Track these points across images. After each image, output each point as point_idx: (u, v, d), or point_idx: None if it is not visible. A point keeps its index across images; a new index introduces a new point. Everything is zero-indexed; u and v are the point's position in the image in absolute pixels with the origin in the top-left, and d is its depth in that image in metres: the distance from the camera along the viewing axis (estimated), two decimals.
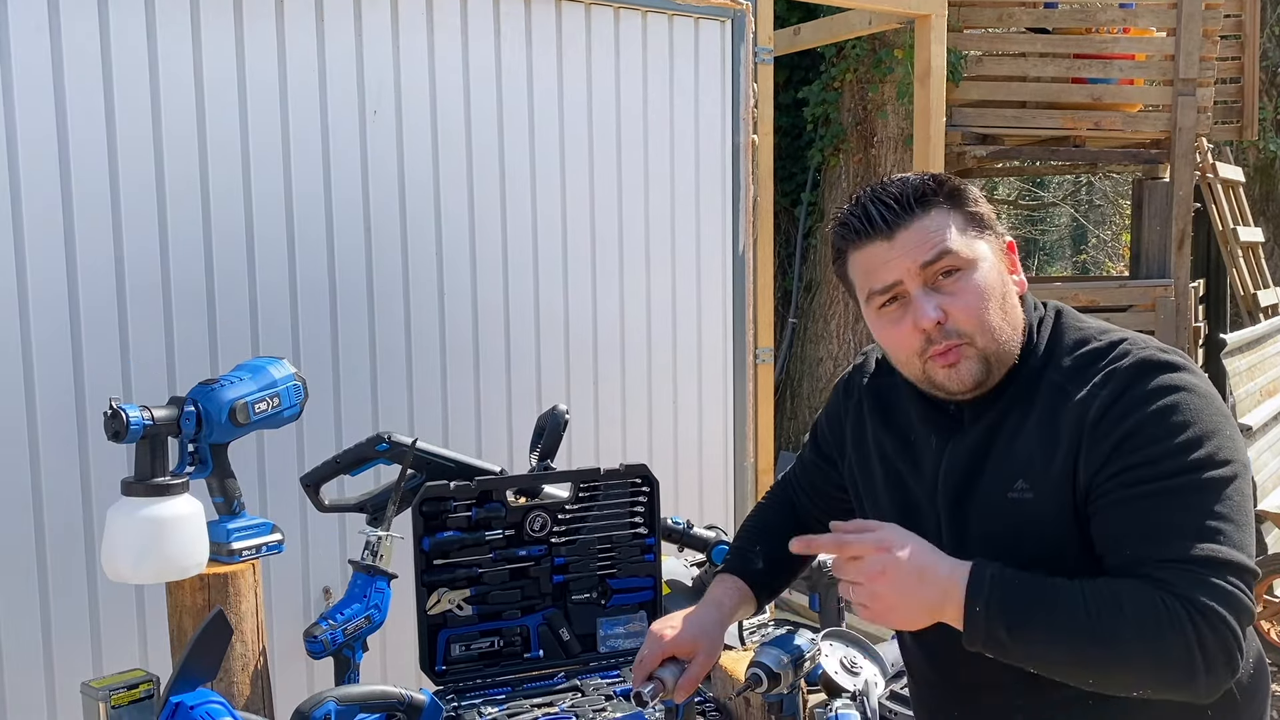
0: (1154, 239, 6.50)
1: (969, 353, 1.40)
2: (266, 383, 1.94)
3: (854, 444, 1.66)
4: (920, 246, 1.40)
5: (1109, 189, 14.71)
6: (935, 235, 1.39)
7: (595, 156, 3.11)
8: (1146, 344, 1.39)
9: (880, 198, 1.42)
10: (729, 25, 3.31)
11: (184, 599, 1.85)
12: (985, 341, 1.40)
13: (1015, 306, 1.44)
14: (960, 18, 5.97)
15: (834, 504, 1.76)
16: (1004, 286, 1.43)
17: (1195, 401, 1.31)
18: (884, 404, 1.61)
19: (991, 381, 1.43)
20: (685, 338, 3.32)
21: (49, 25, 2.33)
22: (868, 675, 1.90)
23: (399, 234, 2.82)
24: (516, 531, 2.06)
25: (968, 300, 1.39)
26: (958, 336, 1.40)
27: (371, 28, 2.73)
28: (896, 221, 1.40)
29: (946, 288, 1.40)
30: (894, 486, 1.57)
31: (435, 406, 2.89)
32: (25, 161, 2.32)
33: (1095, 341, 1.41)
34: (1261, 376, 6.00)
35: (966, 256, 1.40)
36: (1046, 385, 1.41)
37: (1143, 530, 1.29)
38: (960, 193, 1.44)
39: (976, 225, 1.43)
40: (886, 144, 6.39)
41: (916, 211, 1.40)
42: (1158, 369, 1.33)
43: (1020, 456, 1.40)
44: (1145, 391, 1.32)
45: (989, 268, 1.41)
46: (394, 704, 1.70)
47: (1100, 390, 1.34)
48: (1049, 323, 1.47)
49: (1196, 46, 6.22)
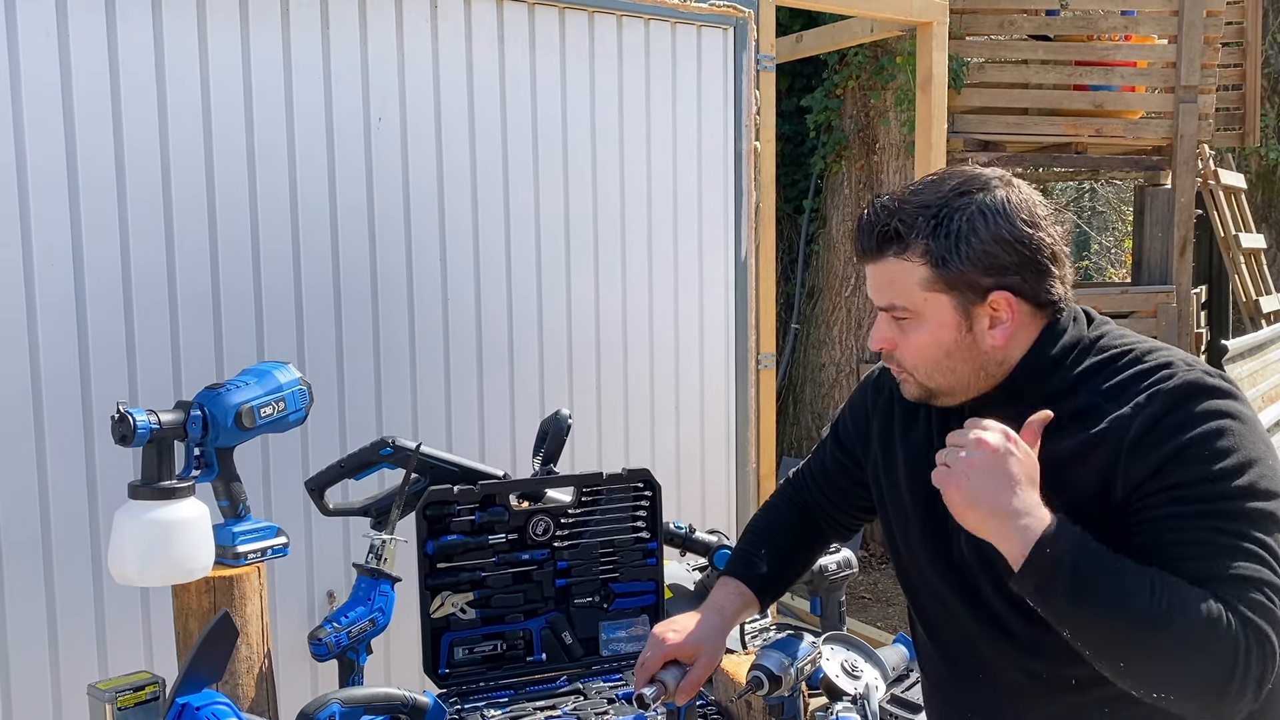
0: (1156, 245, 6.50)
1: (908, 379, 1.48)
2: (272, 387, 1.96)
3: (880, 441, 1.65)
4: (876, 289, 1.46)
5: (1111, 195, 14.71)
6: (891, 283, 1.43)
7: (598, 163, 3.13)
8: (1193, 365, 1.37)
9: (862, 224, 1.46)
10: (731, 33, 3.33)
11: (190, 602, 1.86)
12: (924, 377, 1.46)
13: (974, 358, 1.42)
14: (962, 25, 5.99)
15: (852, 501, 1.76)
16: (953, 342, 1.41)
17: (1240, 429, 1.30)
18: (910, 404, 1.60)
19: (952, 399, 1.47)
20: (687, 343, 3.33)
21: (57, 33, 2.35)
22: (869, 679, 1.91)
23: (403, 240, 2.83)
24: (519, 535, 2.07)
25: (912, 343, 1.44)
26: (898, 365, 1.47)
27: (376, 36, 2.75)
28: (867, 251, 1.45)
29: (899, 324, 1.45)
30: (916, 487, 1.55)
31: (439, 411, 2.90)
32: (33, 168, 2.34)
33: (1140, 363, 1.39)
34: (1264, 382, 6.01)
35: (912, 310, 1.42)
36: (1080, 398, 1.39)
37: (1185, 548, 1.27)
38: (937, 248, 1.38)
39: (945, 282, 1.39)
40: (889, 151, 6.41)
41: (883, 251, 1.43)
42: (1204, 393, 1.32)
43: (1049, 465, 1.36)
44: (1190, 415, 1.30)
45: (938, 323, 1.41)
46: (397, 706, 1.72)
47: (1143, 409, 1.33)
48: (1086, 335, 1.44)
49: (1198, 53, 6.22)
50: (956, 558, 1.50)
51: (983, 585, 1.47)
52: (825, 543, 1.86)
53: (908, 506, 1.58)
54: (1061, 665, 1.41)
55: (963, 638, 1.52)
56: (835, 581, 2.28)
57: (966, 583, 1.49)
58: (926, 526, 1.54)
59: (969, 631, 1.51)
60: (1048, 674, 1.44)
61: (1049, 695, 1.45)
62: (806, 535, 1.82)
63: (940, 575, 1.53)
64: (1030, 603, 1.30)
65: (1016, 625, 1.44)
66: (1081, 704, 1.42)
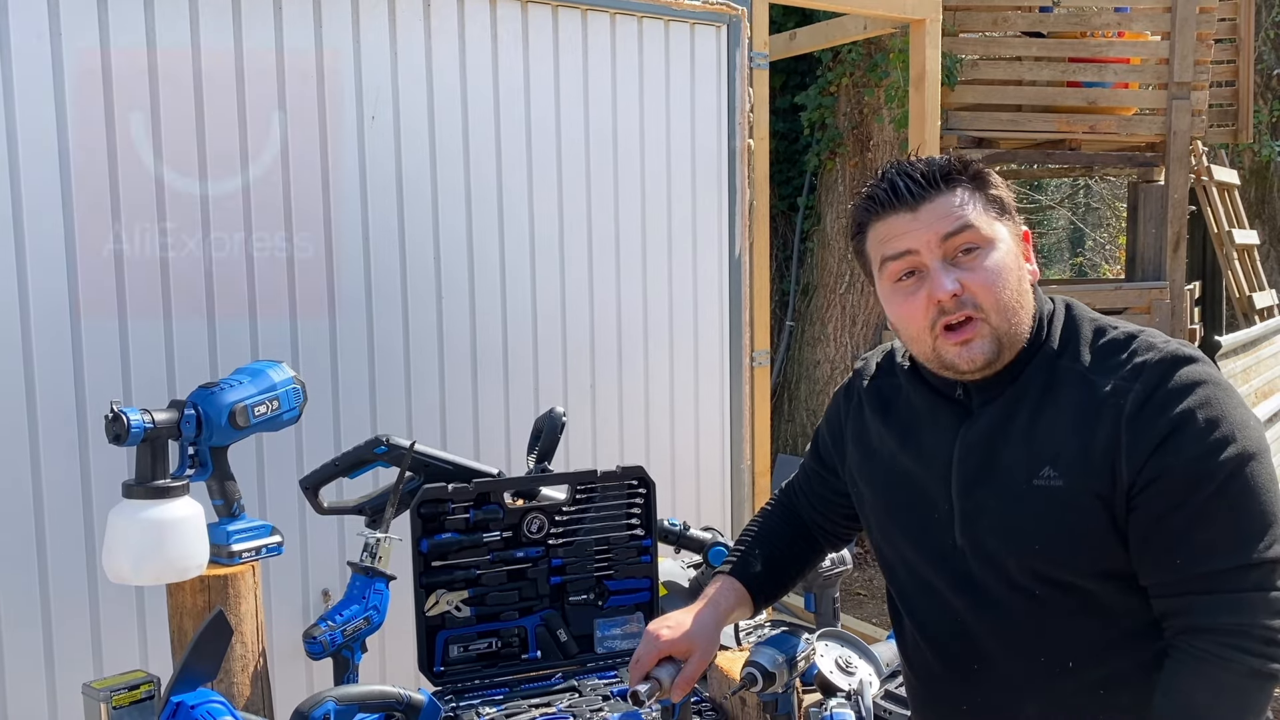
0: (1149, 242, 6.51)
1: (983, 330, 1.42)
2: (266, 386, 1.96)
3: (856, 443, 1.67)
4: (943, 219, 1.42)
5: (1105, 192, 14.74)
6: (958, 210, 1.42)
7: (592, 161, 3.13)
8: (1164, 337, 1.42)
9: (907, 172, 1.44)
10: (724, 30, 3.33)
11: (184, 600, 1.87)
12: (998, 320, 1.42)
13: (1027, 293, 1.46)
14: (955, 22, 5.98)
15: (835, 509, 1.77)
16: (1019, 271, 1.45)
17: (1219, 395, 1.35)
18: (885, 402, 1.62)
19: (1001, 363, 1.44)
20: (682, 341, 3.34)
21: (49, 31, 2.35)
22: (863, 675, 1.91)
23: (396, 238, 2.83)
24: (514, 533, 2.08)
25: (985, 277, 1.41)
26: (973, 309, 1.41)
27: (369, 34, 2.75)
28: (921, 194, 1.42)
29: (964, 263, 1.42)
30: (899, 483, 1.57)
31: (433, 409, 2.91)
32: (26, 165, 2.34)
33: (1112, 332, 1.44)
34: (1257, 379, 6.02)
35: (986, 234, 1.42)
36: (1066, 373, 1.43)
37: (1190, 544, 1.33)
38: (984, 176, 1.46)
39: (997, 208, 1.45)
40: (883, 148, 6.41)
41: (941, 187, 1.42)
42: (1183, 363, 1.37)
43: (1046, 443, 1.40)
44: (1178, 388, 1.35)
45: (1006, 250, 1.43)
46: (392, 704, 1.71)
47: (1133, 383, 1.36)
48: (1060, 313, 1.48)
49: (1191, 50, 6.23)
50: (948, 546, 1.50)
51: (977, 572, 1.47)
52: (819, 552, 1.86)
53: (892, 500, 1.59)
54: (1061, 647, 1.42)
55: (957, 629, 1.52)
56: (829, 578, 2.29)
57: (960, 571, 1.49)
58: (913, 518, 1.54)
59: (964, 622, 1.51)
60: (1046, 658, 1.45)
61: (1046, 681, 1.45)
62: (799, 543, 1.82)
63: (933, 566, 1.53)
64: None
65: (1017, 610, 1.45)
66: (1078, 688, 1.43)
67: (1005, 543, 1.42)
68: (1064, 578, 1.40)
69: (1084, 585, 1.40)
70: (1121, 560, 1.37)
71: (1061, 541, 1.38)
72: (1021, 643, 1.46)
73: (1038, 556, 1.40)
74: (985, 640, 1.50)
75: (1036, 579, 1.42)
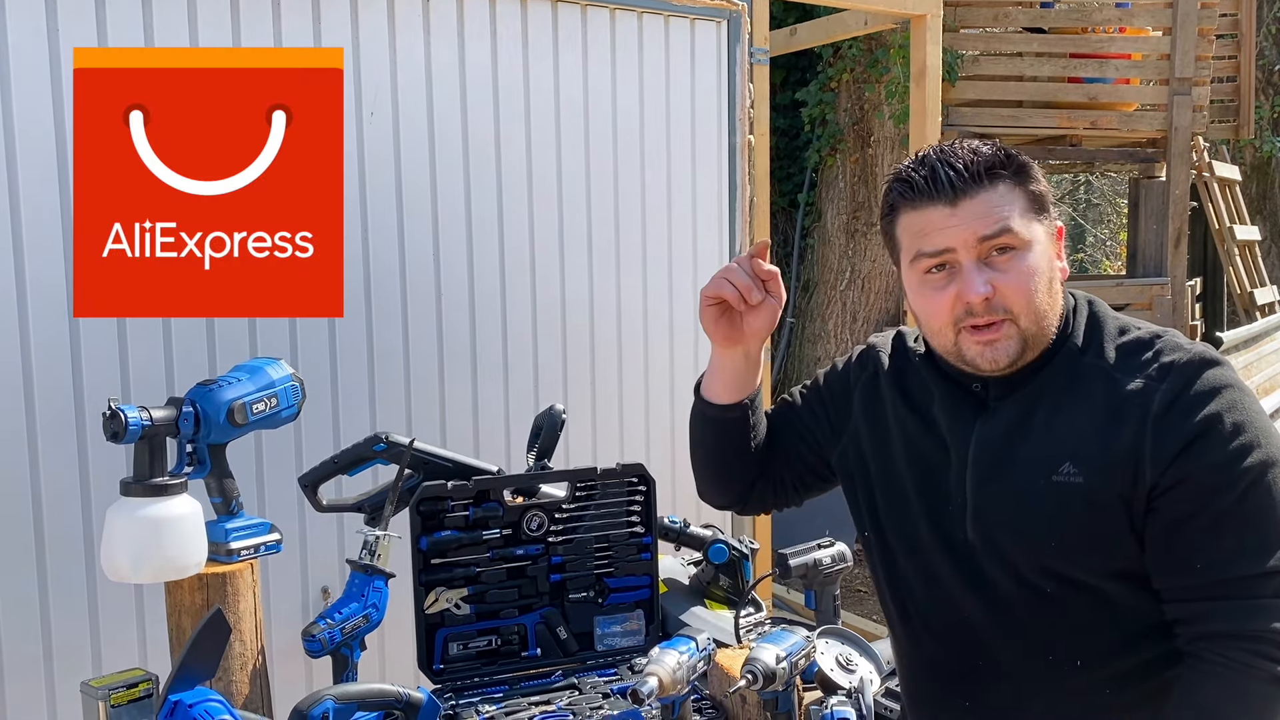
0: (1150, 238, 6.51)
1: (1010, 331, 1.40)
2: (264, 383, 1.95)
3: (867, 417, 1.63)
4: (983, 219, 1.39)
5: (1106, 188, 14.73)
6: (999, 210, 1.39)
7: (591, 157, 3.12)
8: (1187, 339, 1.42)
9: (950, 161, 1.40)
10: (725, 26, 3.32)
11: (183, 598, 1.86)
12: (1028, 322, 1.40)
13: (1058, 293, 1.44)
14: (956, 17, 5.97)
15: (794, 455, 1.77)
16: (1051, 271, 1.43)
17: (1245, 400, 1.35)
18: (903, 384, 1.59)
19: (1023, 361, 1.43)
20: (682, 337, 3.33)
21: (46, 29, 2.34)
22: (863, 672, 1.90)
23: (395, 234, 2.82)
24: (514, 531, 2.07)
25: (1018, 280, 1.39)
26: (1003, 313, 1.39)
27: (367, 29, 2.74)
28: (963, 189, 1.39)
29: (999, 264, 1.39)
30: (917, 469, 1.54)
31: (433, 406, 2.90)
32: (23, 163, 2.33)
33: (1136, 330, 1.43)
34: (1258, 375, 6.02)
35: (1024, 237, 1.40)
36: (1089, 369, 1.41)
37: (1211, 550, 1.32)
38: (1027, 170, 1.43)
39: (1036, 207, 1.43)
40: (884, 144, 6.40)
41: (984, 183, 1.39)
42: (1210, 365, 1.36)
43: (1066, 439, 1.39)
44: (1205, 391, 1.34)
45: (1041, 251, 1.41)
46: (392, 702, 1.71)
47: (1160, 383, 1.35)
48: (1083, 309, 1.47)
49: (1192, 46, 6.23)
50: (958, 540, 1.49)
51: (987, 567, 1.46)
52: (769, 467, 1.83)
53: (906, 488, 1.56)
54: (1069, 646, 1.41)
55: (962, 624, 1.50)
56: (830, 575, 2.28)
57: (971, 565, 1.48)
58: (926, 509, 1.52)
59: (970, 616, 1.49)
60: (1054, 656, 1.44)
61: (1054, 677, 1.44)
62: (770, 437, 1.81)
63: (941, 557, 1.51)
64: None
65: (1028, 607, 1.43)
66: (1085, 686, 1.42)
67: (1018, 538, 1.41)
68: (1076, 576, 1.39)
69: (1095, 584, 1.39)
70: (1134, 560, 1.36)
71: (1076, 539, 1.37)
72: (1029, 640, 1.45)
73: (1051, 553, 1.39)
74: (991, 636, 1.48)
75: (1047, 576, 1.40)
